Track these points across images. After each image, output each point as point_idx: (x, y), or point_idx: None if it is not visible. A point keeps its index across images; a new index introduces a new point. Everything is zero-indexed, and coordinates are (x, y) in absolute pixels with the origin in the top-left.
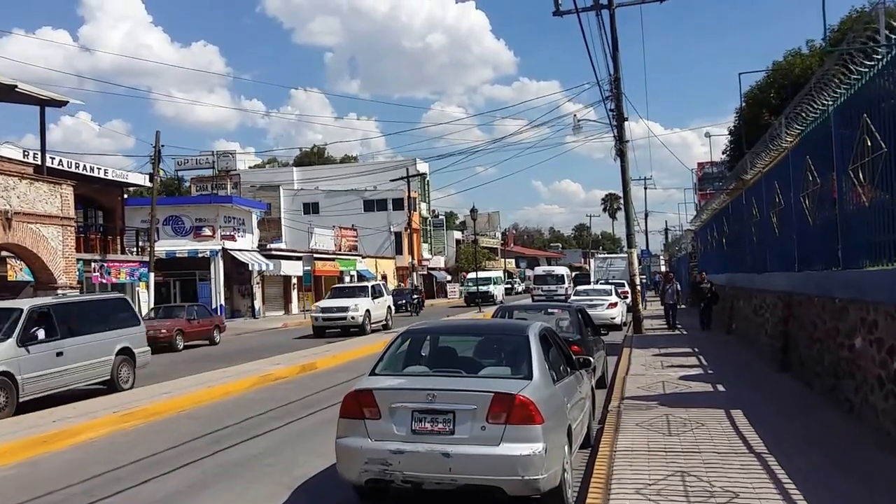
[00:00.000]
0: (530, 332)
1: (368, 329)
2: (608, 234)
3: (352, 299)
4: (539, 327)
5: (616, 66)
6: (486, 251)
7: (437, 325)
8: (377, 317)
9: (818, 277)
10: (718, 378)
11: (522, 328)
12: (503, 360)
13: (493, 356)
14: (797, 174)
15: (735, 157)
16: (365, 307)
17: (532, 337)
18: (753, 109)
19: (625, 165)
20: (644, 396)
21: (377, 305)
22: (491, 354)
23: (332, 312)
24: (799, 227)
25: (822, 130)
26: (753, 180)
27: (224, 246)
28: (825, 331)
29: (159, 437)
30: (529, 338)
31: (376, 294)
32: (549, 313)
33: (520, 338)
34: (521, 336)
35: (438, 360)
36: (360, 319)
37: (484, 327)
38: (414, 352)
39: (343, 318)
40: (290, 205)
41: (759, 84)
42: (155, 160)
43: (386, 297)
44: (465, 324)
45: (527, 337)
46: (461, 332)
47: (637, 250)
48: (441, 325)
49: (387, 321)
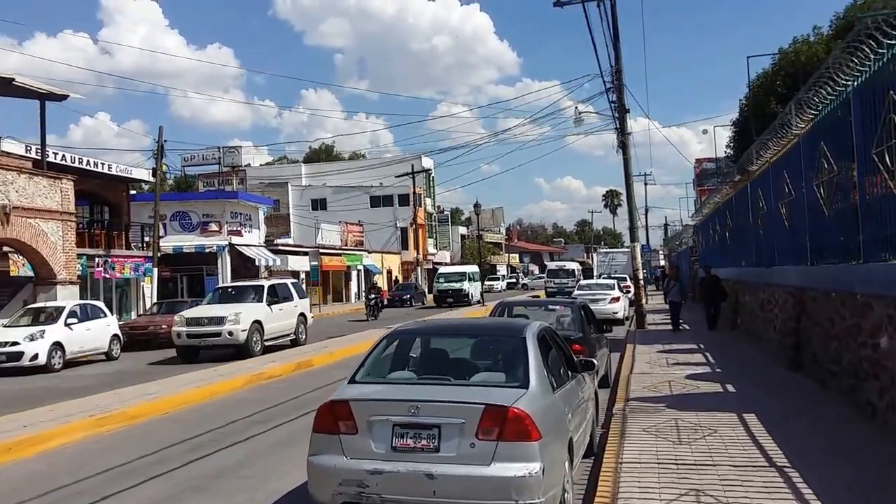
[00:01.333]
0: (528, 333)
1: (255, 349)
2: (609, 230)
3: (234, 305)
4: (537, 327)
5: (617, 57)
6: (490, 246)
7: (426, 326)
8: (276, 330)
9: (835, 271)
10: (727, 377)
11: (519, 328)
12: (498, 364)
13: (486, 360)
14: (809, 162)
15: (739, 148)
16: (251, 317)
17: (530, 339)
18: (759, 99)
19: (627, 158)
20: (650, 397)
21: (277, 314)
22: (484, 358)
23: (200, 326)
24: (812, 219)
25: (839, 113)
26: (760, 171)
27: (231, 241)
28: (844, 328)
29: (134, 444)
30: (527, 340)
31: (276, 296)
32: (551, 310)
33: (516, 340)
34: (517, 338)
35: (426, 365)
36: (240, 336)
37: (478, 327)
38: (400, 355)
39: (216, 335)
40: (298, 201)
41: (764, 72)
42: (158, 155)
43: (298, 300)
44: (456, 323)
45: (524, 339)
46: (452, 333)
47: (639, 245)
48: (431, 325)
49: (297, 335)
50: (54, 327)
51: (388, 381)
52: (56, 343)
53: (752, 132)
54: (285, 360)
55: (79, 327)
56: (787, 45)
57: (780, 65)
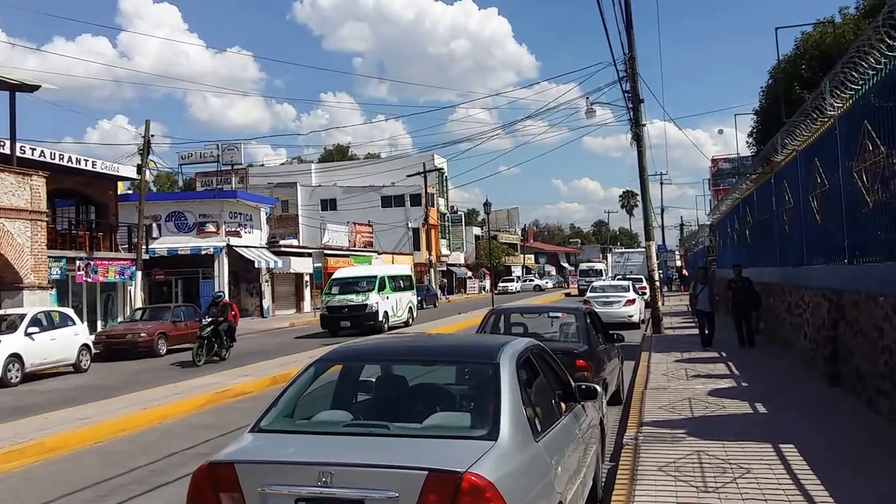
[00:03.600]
0: (503, 357)
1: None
2: (626, 231)
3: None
4: (519, 349)
5: (630, 44)
6: (505, 247)
7: (372, 346)
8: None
9: (883, 272)
10: (755, 393)
11: (492, 351)
12: (460, 402)
13: (446, 395)
14: (848, 146)
15: (761, 140)
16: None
17: (506, 366)
18: (783, 85)
19: (641, 150)
20: (668, 421)
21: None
22: (444, 392)
23: None
24: (850, 211)
25: (885, 87)
26: (785, 161)
27: (229, 242)
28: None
29: (34, 488)
30: (501, 368)
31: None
32: (552, 317)
33: (486, 367)
34: (488, 364)
35: (365, 403)
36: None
37: (438, 350)
38: (332, 388)
39: None
40: (307, 201)
41: (787, 56)
42: (144, 151)
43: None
44: (412, 344)
45: (496, 366)
46: (404, 357)
47: (655, 244)
48: (378, 346)
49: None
50: (12, 337)
51: (302, 428)
52: (13, 355)
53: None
54: (261, 373)
55: (42, 337)
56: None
57: (805, 48)
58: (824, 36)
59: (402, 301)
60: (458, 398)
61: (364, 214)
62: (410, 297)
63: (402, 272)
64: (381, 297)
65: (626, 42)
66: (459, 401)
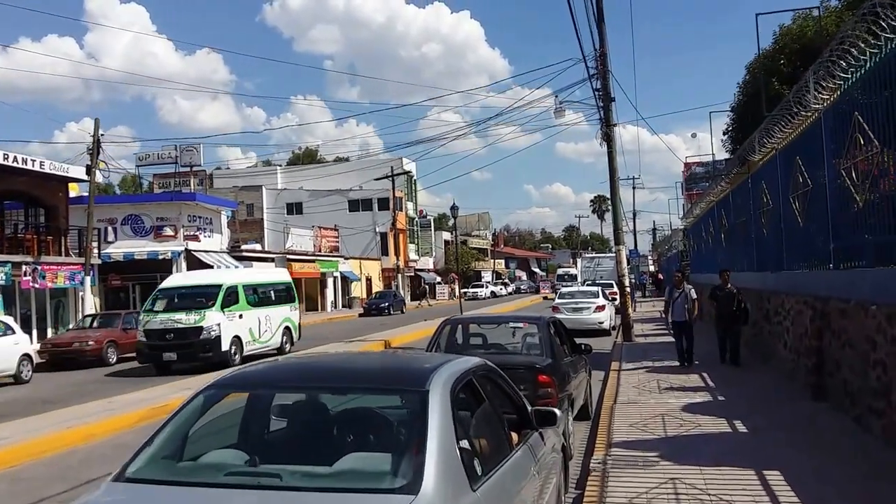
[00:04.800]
0: (435, 384)
1: None
2: (597, 235)
3: None
4: (457, 372)
5: (602, 39)
6: (475, 252)
7: (274, 369)
8: None
9: (876, 278)
10: (733, 409)
11: (422, 376)
12: (378, 441)
13: (372, 427)
14: (834, 142)
15: (738, 139)
16: None
17: (436, 396)
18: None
19: (612, 151)
20: (639, 442)
21: None
22: (359, 429)
23: None
24: (837, 212)
25: (881, 73)
26: (764, 160)
27: (187, 247)
28: (895, 354)
29: None
30: (430, 398)
31: None
32: (513, 327)
33: (412, 397)
34: (414, 394)
35: (270, 439)
36: None
37: (357, 374)
38: (234, 420)
39: None
40: (273, 205)
41: (765, 51)
42: (94, 151)
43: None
44: (326, 365)
45: (424, 396)
46: (311, 384)
47: (625, 249)
48: (283, 368)
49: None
50: None
51: (178, 477)
52: None
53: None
54: None
55: None
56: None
57: (784, 41)
58: (804, 29)
59: (270, 320)
60: (384, 432)
61: (331, 218)
62: (287, 314)
63: (274, 279)
64: (227, 315)
65: (598, 38)
66: (371, 441)
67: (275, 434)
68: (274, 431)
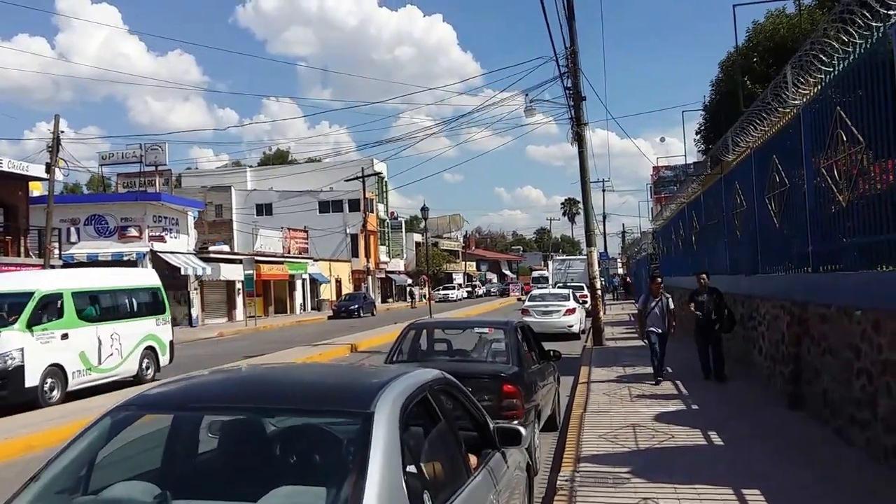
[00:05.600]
0: (381, 404)
1: None
2: (568, 238)
3: None
4: (409, 387)
5: (572, 37)
6: (446, 253)
7: (194, 386)
8: None
9: (863, 281)
10: (707, 418)
11: (367, 394)
12: (317, 469)
13: (299, 459)
14: (815, 139)
15: (710, 139)
16: None
17: (381, 419)
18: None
19: (583, 151)
20: (609, 455)
21: None
22: (297, 454)
23: None
24: (817, 212)
25: (867, 64)
26: (738, 160)
27: (153, 248)
28: (882, 363)
29: None
30: (373, 422)
31: None
32: (478, 333)
33: (353, 420)
34: (356, 416)
35: (191, 468)
36: None
37: (291, 392)
38: (155, 443)
39: None
40: (242, 206)
41: (738, 49)
42: (53, 148)
43: None
44: (262, 379)
45: (367, 419)
46: (241, 403)
47: (597, 251)
48: (210, 382)
49: None
50: None
51: None
52: None
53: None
54: None
55: None
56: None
57: (757, 39)
58: (777, 26)
59: (120, 339)
60: (322, 459)
61: (301, 219)
62: (151, 330)
63: (130, 283)
64: (37, 336)
65: (569, 35)
66: (323, 464)
67: (198, 460)
68: (200, 455)
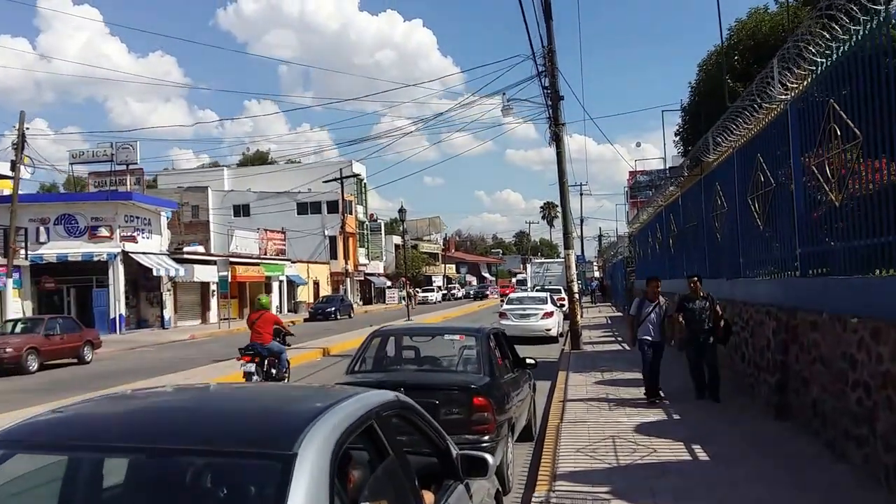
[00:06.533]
0: (306, 445)
1: None
2: (546, 241)
3: None
4: (349, 418)
5: (549, 36)
6: (426, 256)
7: (76, 418)
8: None
9: (859, 286)
10: (690, 429)
11: (290, 433)
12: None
13: None
14: (803, 136)
15: (689, 140)
16: None
17: (305, 463)
18: (713, 80)
19: (560, 151)
20: (587, 473)
21: None
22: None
23: None
24: (806, 213)
25: (865, 51)
26: (720, 160)
27: (124, 248)
28: (882, 375)
29: None
30: (295, 468)
31: None
32: (448, 340)
33: (271, 465)
34: (275, 461)
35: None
36: None
37: (205, 426)
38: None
39: None
40: (219, 206)
41: (718, 49)
42: (18, 146)
43: None
44: (165, 407)
45: (288, 463)
46: (128, 442)
47: (574, 253)
48: (99, 414)
49: None
50: None
51: None
52: None
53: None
54: None
55: None
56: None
57: (739, 37)
58: (760, 24)
59: None
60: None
61: (279, 221)
62: None
63: None
64: None
65: (546, 34)
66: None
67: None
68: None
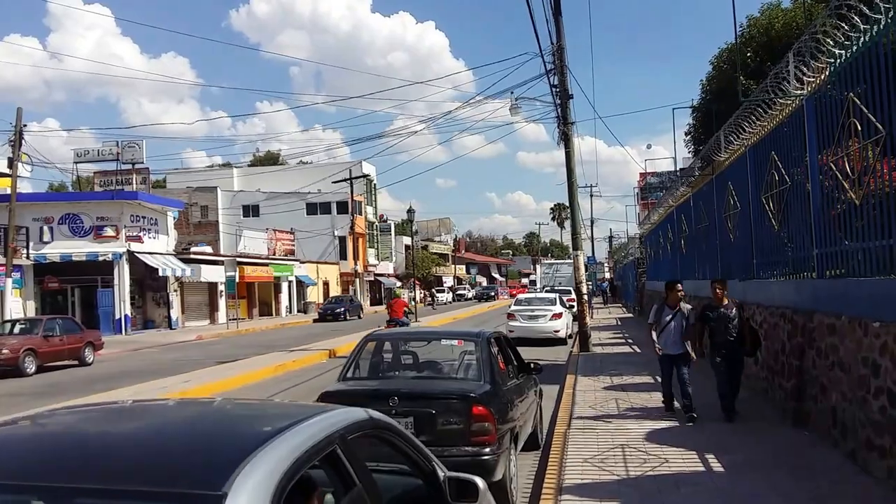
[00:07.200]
0: (241, 485)
1: None
2: (556, 242)
3: None
4: (297, 450)
5: (559, 33)
6: (436, 257)
7: None
8: None
9: (885, 289)
10: (704, 438)
11: (220, 471)
12: None
13: None
14: (821, 132)
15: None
16: None
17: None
18: (725, 77)
19: (569, 150)
20: (595, 486)
21: None
22: None
23: None
24: (822, 213)
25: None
26: (732, 159)
27: (130, 248)
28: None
29: None
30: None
31: None
32: (446, 345)
33: None
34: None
35: None
36: None
37: (109, 463)
38: None
39: None
40: (228, 206)
41: (731, 45)
42: (15, 142)
43: None
44: (76, 435)
45: None
46: (22, 480)
47: (583, 254)
48: None
49: None
50: None
51: None
52: None
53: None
54: None
55: None
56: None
57: (751, 33)
58: (772, 20)
59: None
60: None
61: (288, 221)
62: None
63: None
64: None
65: (555, 31)
66: None
67: None
68: None
